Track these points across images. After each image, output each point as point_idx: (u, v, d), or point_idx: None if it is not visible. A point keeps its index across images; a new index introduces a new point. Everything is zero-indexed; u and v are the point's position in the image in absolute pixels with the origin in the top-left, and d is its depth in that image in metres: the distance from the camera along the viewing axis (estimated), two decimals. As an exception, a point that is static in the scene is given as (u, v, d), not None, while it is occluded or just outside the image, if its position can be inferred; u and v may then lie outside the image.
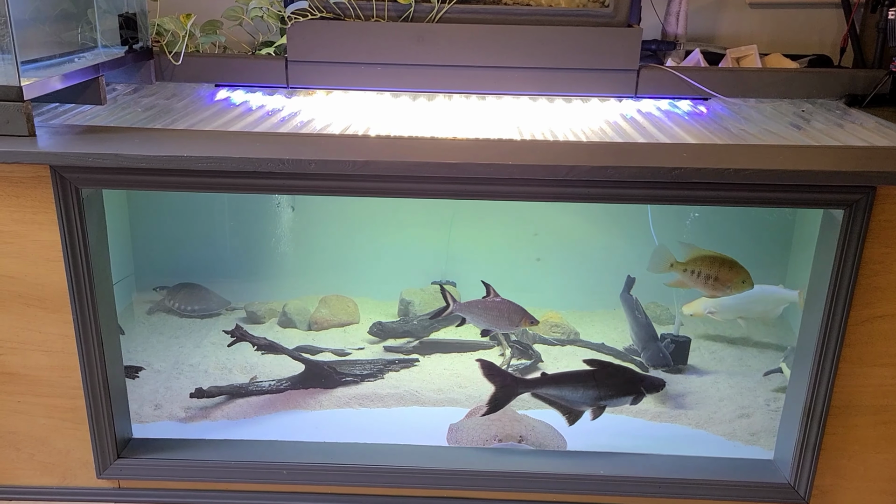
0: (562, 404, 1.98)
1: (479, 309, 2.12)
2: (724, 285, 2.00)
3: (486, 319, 2.11)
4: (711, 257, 2.02)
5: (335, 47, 2.23)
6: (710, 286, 2.01)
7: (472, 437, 2.12)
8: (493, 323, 2.11)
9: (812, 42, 2.59)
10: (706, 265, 2.02)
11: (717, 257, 2.02)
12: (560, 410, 1.99)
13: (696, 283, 2.05)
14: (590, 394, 1.96)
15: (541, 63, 2.24)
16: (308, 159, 1.64)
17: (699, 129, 1.99)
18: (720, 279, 1.99)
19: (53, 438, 1.96)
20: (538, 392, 1.98)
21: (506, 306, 2.09)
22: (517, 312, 2.09)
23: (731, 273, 2.00)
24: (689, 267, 2.04)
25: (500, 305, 2.08)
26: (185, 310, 2.72)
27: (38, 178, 1.71)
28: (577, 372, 1.99)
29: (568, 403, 1.98)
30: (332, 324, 2.73)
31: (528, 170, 1.65)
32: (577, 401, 1.98)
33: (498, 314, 2.09)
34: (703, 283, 2.02)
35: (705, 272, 2.01)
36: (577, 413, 1.99)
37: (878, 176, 1.63)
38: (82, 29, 2.04)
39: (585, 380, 1.97)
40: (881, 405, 1.86)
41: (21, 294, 1.81)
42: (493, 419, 2.16)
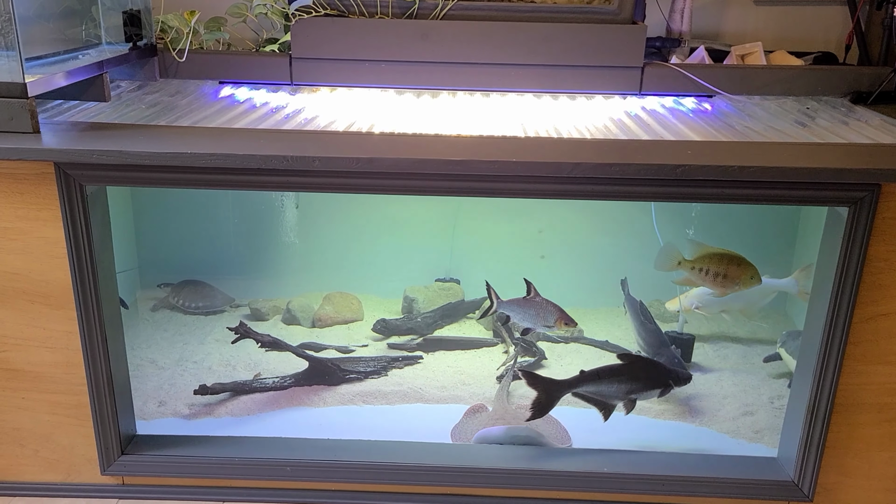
0: (598, 400, 2.01)
1: (518, 307, 2.13)
2: (733, 282, 2.00)
3: (524, 318, 2.12)
4: (720, 254, 2.02)
5: (339, 44, 2.23)
6: (718, 283, 2.01)
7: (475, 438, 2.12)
8: (531, 321, 2.12)
9: (817, 39, 2.58)
10: (714, 262, 2.01)
11: (726, 254, 2.01)
12: (596, 406, 2.02)
13: (704, 281, 2.04)
14: (623, 388, 1.99)
15: (545, 60, 2.24)
16: (312, 156, 1.64)
17: (704, 126, 1.99)
18: (729, 276, 1.99)
19: (57, 435, 1.96)
20: (578, 391, 2.00)
21: (542, 306, 2.09)
22: (553, 313, 2.08)
23: (739, 270, 2.00)
24: (697, 265, 2.04)
25: (538, 305, 2.09)
26: (189, 307, 2.72)
27: (43, 175, 1.71)
28: (612, 367, 2.02)
29: (603, 399, 2.01)
30: (336, 321, 2.73)
31: (533, 167, 1.65)
32: (611, 395, 2.01)
33: (535, 313, 2.09)
34: (712, 281, 2.02)
35: (714, 269, 2.01)
36: (611, 407, 2.02)
37: (883, 173, 1.62)
38: (86, 26, 2.04)
39: (619, 375, 2.00)
40: (885, 403, 1.86)
41: (25, 290, 1.81)
42: (496, 418, 2.16)
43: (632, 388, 2.00)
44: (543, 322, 2.10)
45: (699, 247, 2.05)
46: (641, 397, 2.04)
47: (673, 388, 2.05)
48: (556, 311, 2.09)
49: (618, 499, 1.99)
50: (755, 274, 2.01)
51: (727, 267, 2.00)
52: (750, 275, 2.01)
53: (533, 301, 2.11)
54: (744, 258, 2.02)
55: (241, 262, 2.81)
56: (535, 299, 2.11)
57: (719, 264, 2.01)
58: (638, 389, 2.01)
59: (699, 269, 2.04)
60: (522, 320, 2.14)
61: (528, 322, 2.13)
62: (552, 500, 2.00)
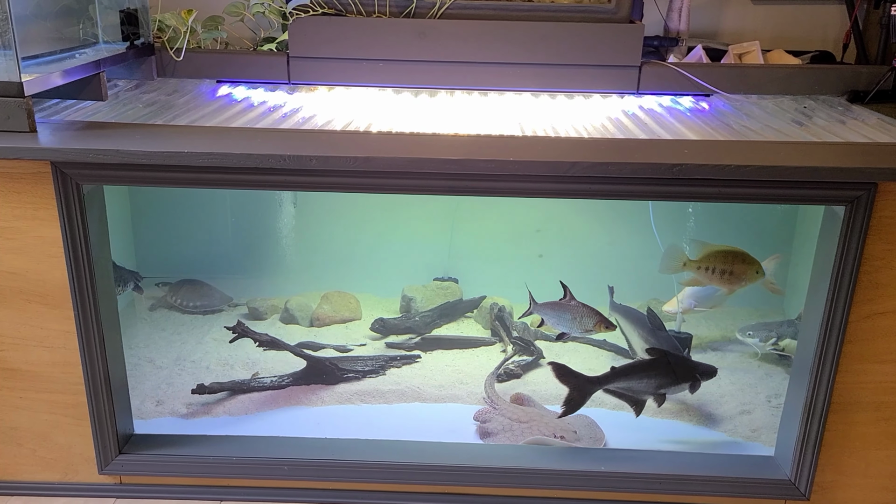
0: (629, 396, 2.01)
1: (553, 311, 2.08)
2: (739, 279, 2.00)
3: (560, 322, 2.08)
4: (724, 252, 2.01)
5: (337, 43, 2.23)
6: (725, 281, 2.01)
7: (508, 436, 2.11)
8: (566, 326, 2.07)
9: (815, 38, 2.58)
10: (720, 260, 2.01)
11: (730, 251, 2.01)
12: (627, 402, 2.03)
13: (711, 280, 2.04)
14: (653, 383, 2.00)
15: (543, 59, 2.24)
16: (310, 155, 1.64)
17: (701, 125, 1.99)
18: (735, 273, 1.99)
19: (55, 434, 1.96)
20: (609, 387, 2.00)
21: (580, 310, 2.05)
22: (591, 317, 2.04)
23: (744, 266, 1.99)
24: (702, 264, 2.03)
25: (575, 309, 2.04)
26: (187, 306, 2.72)
27: (39, 174, 1.71)
28: (642, 363, 2.03)
29: (633, 394, 2.01)
30: (334, 320, 2.73)
31: (530, 166, 1.65)
32: (641, 391, 2.01)
33: (572, 318, 2.05)
34: (719, 279, 2.01)
35: (720, 267, 2.01)
36: (641, 403, 2.03)
37: (879, 172, 1.63)
38: (83, 25, 2.04)
39: (649, 370, 2.00)
40: (882, 402, 1.86)
41: (22, 290, 1.81)
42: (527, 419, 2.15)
43: (661, 383, 2.00)
44: (581, 326, 2.05)
45: (703, 246, 2.05)
46: (671, 392, 2.04)
47: (700, 382, 2.05)
48: (595, 315, 2.04)
49: (615, 497, 1.99)
50: (759, 268, 2.01)
51: (732, 263, 2.00)
52: (755, 269, 2.00)
53: (569, 305, 2.06)
54: (747, 253, 2.02)
55: (239, 261, 2.81)
56: (571, 303, 2.06)
57: (724, 261, 2.01)
58: (668, 384, 2.01)
59: (705, 269, 2.04)
60: (558, 324, 2.08)
61: (563, 326, 2.08)
62: (550, 498, 2.00)
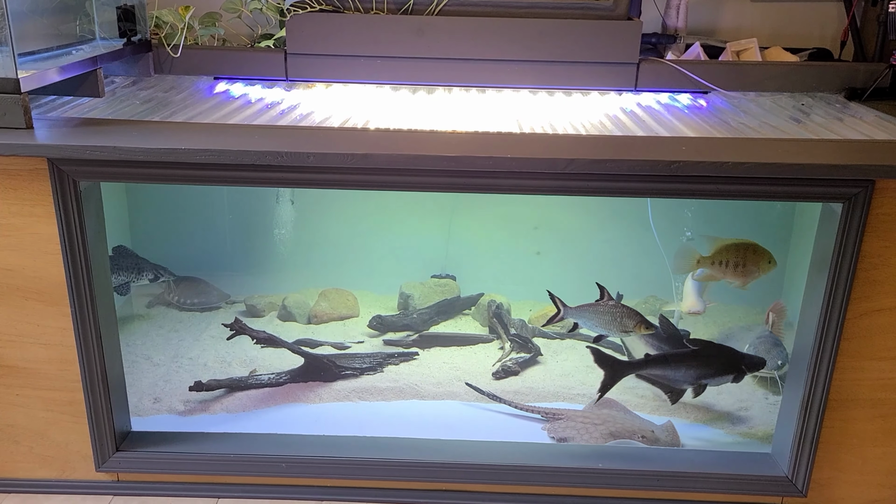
0: (664, 384, 2.01)
1: (590, 313, 2.04)
2: (752, 270, 1.99)
3: (599, 324, 2.03)
4: (735, 244, 2.01)
5: (334, 40, 2.23)
6: (739, 273, 2.00)
7: (583, 435, 2.12)
8: (605, 328, 2.03)
9: (812, 35, 2.58)
10: (732, 253, 2.00)
11: (741, 243, 2.00)
12: (662, 389, 2.02)
13: (725, 274, 2.02)
14: (692, 373, 1.98)
15: (541, 56, 2.24)
16: (307, 152, 1.64)
17: (699, 122, 1.99)
18: (747, 264, 1.98)
19: (52, 431, 1.96)
20: (642, 374, 2.00)
21: (619, 311, 2.01)
22: (631, 317, 2.01)
23: (756, 256, 1.98)
24: (716, 258, 2.03)
25: (614, 310, 2.01)
26: (184, 303, 2.72)
27: (36, 171, 1.70)
28: (680, 353, 2.01)
29: (670, 383, 2.01)
30: (332, 317, 2.73)
31: (528, 163, 1.65)
32: (679, 380, 2.00)
33: (611, 319, 2.01)
34: (733, 272, 2.00)
35: (733, 260, 2.00)
36: (678, 391, 2.02)
37: (876, 169, 1.63)
38: (80, 21, 2.04)
39: (688, 360, 1.99)
40: (879, 398, 1.87)
41: (19, 287, 1.81)
42: (603, 419, 2.15)
43: (702, 374, 1.99)
44: (621, 328, 2.01)
45: (713, 241, 2.04)
46: (713, 383, 2.02)
47: (746, 374, 2.03)
48: (635, 316, 2.00)
49: (613, 494, 1.99)
50: (771, 258, 2.00)
51: (744, 255, 1.99)
52: (767, 259, 1.99)
53: (607, 306, 2.02)
54: (758, 244, 2.01)
55: (237, 258, 2.81)
56: (609, 304, 2.02)
57: (737, 254, 1.99)
58: (709, 375, 1.99)
59: (719, 263, 2.02)
60: (596, 327, 2.04)
61: (601, 329, 2.04)
62: (547, 495, 2.00)
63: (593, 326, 2.05)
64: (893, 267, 1.75)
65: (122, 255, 2.56)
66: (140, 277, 2.55)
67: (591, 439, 2.10)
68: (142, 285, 2.63)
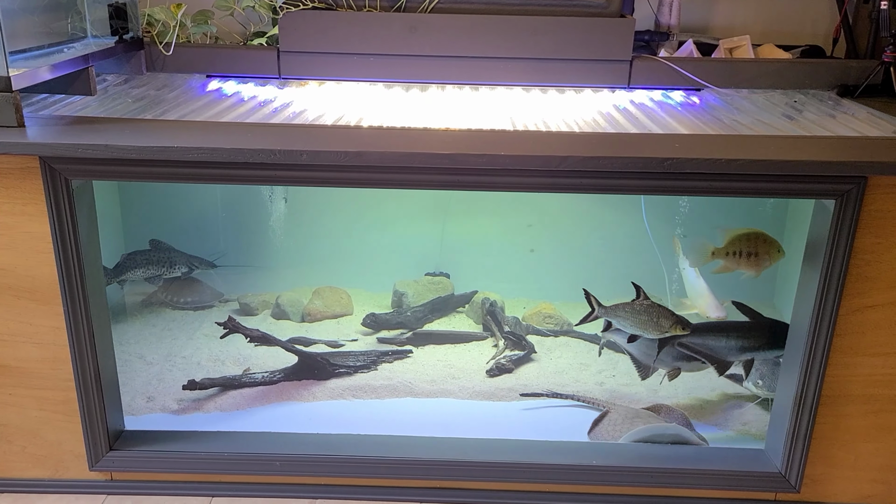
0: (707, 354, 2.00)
1: (626, 313, 2.04)
2: (764, 259, 1.99)
3: (635, 324, 2.03)
4: (747, 234, 2.01)
5: (327, 37, 2.22)
6: (752, 263, 2.00)
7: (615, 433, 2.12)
8: (641, 328, 2.02)
9: (805, 32, 2.59)
10: (744, 243, 2.00)
11: (752, 232, 2.00)
12: (708, 360, 2.02)
13: (739, 265, 2.02)
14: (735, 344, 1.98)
15: (534, 54, 2.23)
16: (300, 150, 1.63)
17: (692, 119, 1.99)
18: (759, 254, 1.98)
19: (45, 431, 1.95)
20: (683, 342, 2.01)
21: (656, 311, 2.01)
22: (668, 317, 2.00)
23: (767, 245, 1.99)
24: (729, 249, 2.03)
25: (651, 310, 2.01)
26: (177, 302, 2.71)
27: (28, 170, 1.69)
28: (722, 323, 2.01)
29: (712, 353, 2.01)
30: (326, 315, 2.73)
31: (521, 160, 1.65)
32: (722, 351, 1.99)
33: (647, 318, 2.01)
34: (747, 262, 2.00)
35: (745, 250, 2.00)
36: (724, 363, 2.02)
37: (869, 166, 1.63)
38: (72, 19, 2.03)
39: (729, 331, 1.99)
40: (871, 395, 1.87)
41: (11, 286, 1.80)
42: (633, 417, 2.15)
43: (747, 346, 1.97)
44: (657, 329, 2.00)
45: (725, 232, 2.04)
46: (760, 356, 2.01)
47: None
48: (672, 316, 2.00)
49: (607, 491, 1.99)
50: (780, 247, 2.00)
51: (756, 244, 1.99)
52: (777, 248, 2.00)
53: (644, 306, 2.01)
54: (767, 234, 2.02)
55: (230, 256, 2.80)
56: (645, 303, 2.01)
57: (749, 243, 1.99)
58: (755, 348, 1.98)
59: (732, 254, 2.02)
60: (631, 327, 2.03)
61: (637, 329, 2.03)
62: (541, 493, 2.00)
63: (628, 326, 2.03)
64: (886, 263, 1.75)
65: (157, 249, 2.64)
66: (172, 271, 2.61)
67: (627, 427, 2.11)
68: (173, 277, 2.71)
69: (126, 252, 2.66)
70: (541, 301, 2.75)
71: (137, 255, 2.64)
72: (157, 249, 2.66)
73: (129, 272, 2.62)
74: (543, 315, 2.68)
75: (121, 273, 2.61)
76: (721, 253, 2.05)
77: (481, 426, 2.18)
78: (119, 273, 2.61)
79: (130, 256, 2.64)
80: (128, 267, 2.62)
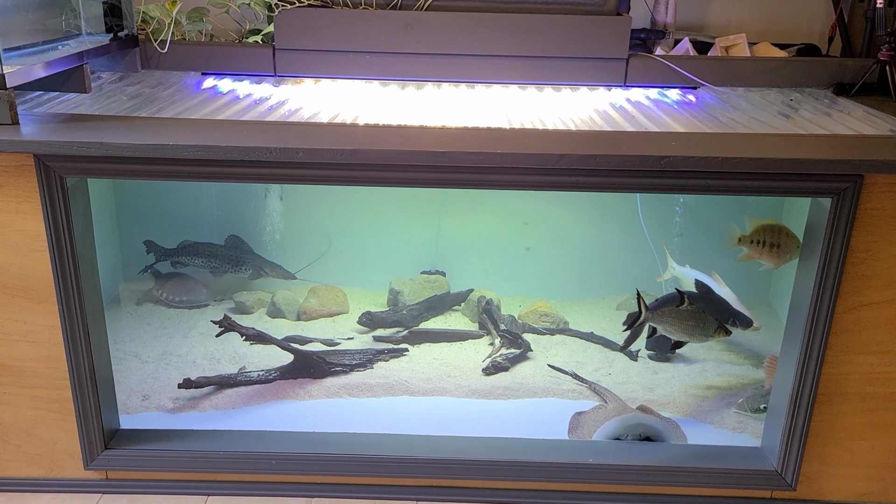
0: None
1: (673, 319, 2.02)
2: (785, 252, 1.99)
3: (681, 330, 2.01)
4: (770, 225, 2.01)
5: (323, 35, 2.22)
6: (774, 255, 2.00)
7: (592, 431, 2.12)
8: (688, 333, 2.01)
9: (800, 31, 2.59)
10: (768, 234, 2.00)
11: (775, 224, 2.01)
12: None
13: (761, 254, 2.02)
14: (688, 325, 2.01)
15: (530, 52, 2.23)
16: (296, 148, 1.63)
17: (688, 117, 1.99)
18: (781, 246, 1.99)
19: (40, 429, 1.94)
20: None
21: (702, 316, 2.00)
22: (712, 323, 2.00)
23: (788, 239, 1.99)
24: (754, 238, 2.03)
25: (696, 316, 1.99)
26: (173, 300, 2.71)
27: (22, 167, 1.69)
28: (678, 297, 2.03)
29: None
30: (322, 314, 2.72)
31: (518, 158, 1.65)
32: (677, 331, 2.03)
33: (695, 325, 2.00)
34: (769, 253, 2.00)
35: (769, 240, 2.00)
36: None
37: (865, 164, 1.63)
38: (66, 16, 2.02)
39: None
40: (867, 392, 1.88)
41: (5, 284, 1.79)
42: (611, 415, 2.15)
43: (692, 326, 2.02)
44: (704, 333, 2.00)
45: (752, 220, 2.04)
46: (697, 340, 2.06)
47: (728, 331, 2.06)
48: (714, 321, 1.99)
49: (603, 489, 1.99)
50: (799, 242, 2.02)
51: (779, 236, 1.99)
52: (797, 244, 2.01)
53: (690, 311, 1.99)
54: (788, 228, 2.02)
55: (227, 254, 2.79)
56: (690, 310, 1.99)
57: (773, 234, 2.00)
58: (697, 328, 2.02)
59: (757, 242, 2.03)
60: (676, 333, 2.02)
61: (683, 335, 2.02)
62: (538, 491, 2.00)
63: (675, 332, 2.02)
64: (882, 261, 1.75)
65: (232, 247, 2.70)
66: (239, 271, 2.66)
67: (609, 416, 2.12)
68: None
69: (188, 240, 2.73)
70: (537, 299, 2.75)
71: (202, 245, 2.70)
72: (229, 246, 2.71)
73: (188, 257, 2.68)
74: (539, 313, 2.68)
75: (179, 254, 2.68)
76: (746, 240, 2.05)
77: (477, 424, 2.17)
78: (176, 254, 2.68)
79: (193, 245, 2.69)
80: (188, 252, 2.68)
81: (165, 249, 2.70)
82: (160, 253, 2.70)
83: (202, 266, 2.69)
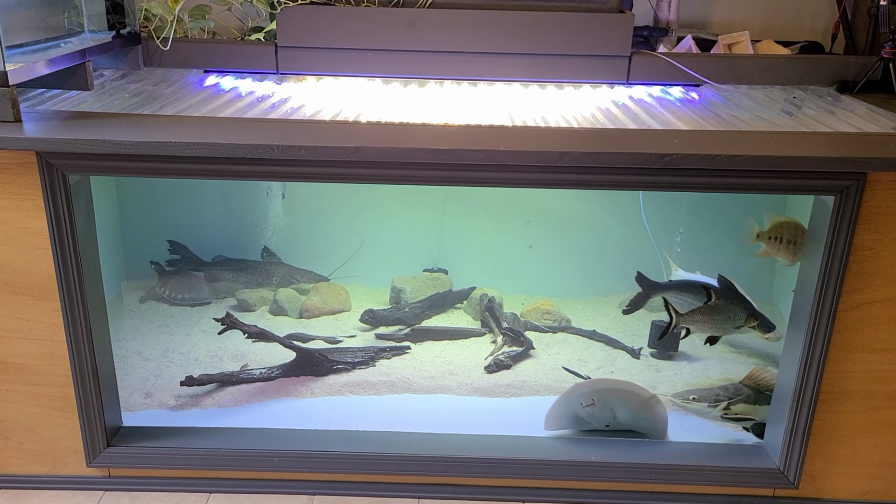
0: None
1: (704, 316, 2.02)
2: (800, 249, 1.98)
3: (713, 325, 2.01)
4: (787, 222, 2.01)
5: (325, 33, 2.22)
6: (790, 252, 1.99)
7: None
8: (720, 328, 2.01)
9: (804, 28, 2.59)
10: (786, 230, 2.00)
11: (792, 222, 2.01)
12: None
13: (779, 251, 2.02)
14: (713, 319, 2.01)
15: (532, 49, 2.23)
16: (298, 145, 1.63)
17: (691, 115, 1.99)
18: (798, 243, 1.98)
19: (42, 427, 1.95)
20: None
21: (731, 308, 2.00)
22: (741, 312, 2.00)
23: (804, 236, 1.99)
24: (772, 234, 2.03)
25: (726, 308, 1.99)
26: (175, 298, 2.71)
27: (25, 165, 1.69)
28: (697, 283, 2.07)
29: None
30: (324, 311, 2.72)
31: (520, 156, 1.64)
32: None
33: (726, 318, 2.00)
34: (785, 250, 2.00)
35: (786, 237, 2.00)
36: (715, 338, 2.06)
37: (868, 162, 1.63)
38: (69, 13, 2.02)
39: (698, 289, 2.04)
40: (870, 390, 1.87)
41: (8, 282, 1.79)
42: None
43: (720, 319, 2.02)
44: (734, 324, 2.00)
45: (770, 216, 2.04)
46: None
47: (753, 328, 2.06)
48: (743, 309, 1.99)
49: (605, 487, 1.99)
50: None
51: (795, 233, 1.99)
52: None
53: (717, 305, 2.00)
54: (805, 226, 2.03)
55: (228, 252, 2.79)
56: (718, 304, 1.99)
57: (790, 231, 1.99)
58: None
59: (775, 239, 2.02)
60: (712, 329, 2.01)
61: (717, 330, 2.01)
62: (539, 488, 2.00)
63: (707, 329, 2.02)
64: (885, 259, 1.75)
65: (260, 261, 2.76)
66: (268, 281, 2.73)
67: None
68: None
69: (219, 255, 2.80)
70: (539, 297, 2.75)
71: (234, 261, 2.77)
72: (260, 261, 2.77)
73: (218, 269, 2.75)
74: (542, 311, 2.67)
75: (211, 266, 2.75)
76: (764, 237, 2.05)
77: (479, 422, 2.17)
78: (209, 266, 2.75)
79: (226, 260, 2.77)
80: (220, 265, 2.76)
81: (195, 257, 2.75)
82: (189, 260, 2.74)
83: (232, 281, 2.76)
